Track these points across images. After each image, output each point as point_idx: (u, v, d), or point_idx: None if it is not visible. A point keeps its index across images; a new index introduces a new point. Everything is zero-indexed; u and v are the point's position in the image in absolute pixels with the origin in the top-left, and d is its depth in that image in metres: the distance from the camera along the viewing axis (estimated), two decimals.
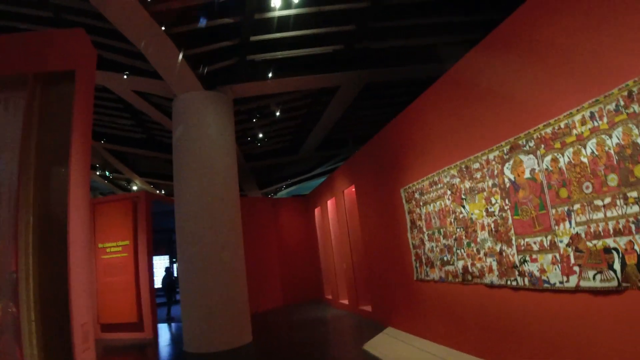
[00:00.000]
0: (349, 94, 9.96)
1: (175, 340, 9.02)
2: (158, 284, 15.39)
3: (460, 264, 5.22)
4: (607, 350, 3.33)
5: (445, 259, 5.57)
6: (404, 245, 6.84)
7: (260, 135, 12.25)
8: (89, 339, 3.51)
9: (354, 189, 9.61)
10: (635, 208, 3.09)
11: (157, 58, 6.88)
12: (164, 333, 9.97)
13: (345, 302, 10.74)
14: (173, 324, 11.73)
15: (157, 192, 18.64)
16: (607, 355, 3.32)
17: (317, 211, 13.20)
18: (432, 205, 5.88)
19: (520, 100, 4.18)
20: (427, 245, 6.03)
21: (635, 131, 3.07)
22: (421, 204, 6.18)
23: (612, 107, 3.24)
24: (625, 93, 3.13)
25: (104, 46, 7.40)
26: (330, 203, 11.71)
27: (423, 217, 6.14)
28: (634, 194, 3.10)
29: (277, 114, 10.60)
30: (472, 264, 4.97)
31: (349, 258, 10.19)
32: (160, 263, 16.09)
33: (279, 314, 11.39)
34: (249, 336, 7.59)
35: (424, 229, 6.12)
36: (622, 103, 3.16)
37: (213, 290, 7.22)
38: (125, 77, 8.13)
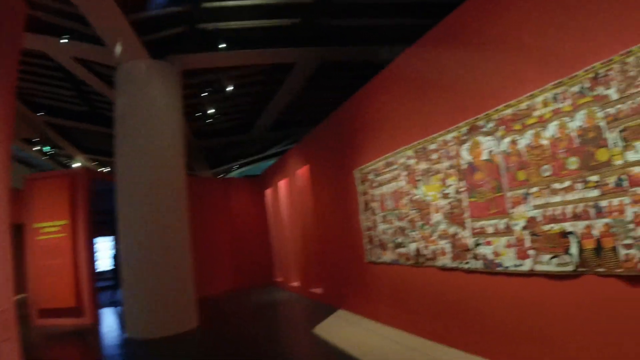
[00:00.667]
0: (305, 72, 9.55)
1: (118, 325, 8.46)
2: (103, 266, 14.58)
3: (414, 246, 5.07)
4: (562, 334, 3.26)
5: (398, 241, 5.41)
6: (357, 227, 6.64)
7: (212, 111, 11.59)
8: (10, 327, 3.04)
9: (307, 170, 9.30)
10: (595, 192, 2.99)
11: (100, 21, 6.17)
12: (108, 318, 9.35)
13: (297, 284, 10.53)
14: (119, 308, 11.07)
15: (103, 169, 17.49)
16: (563, 338, 3.26)
17: (269, 192, 12.81)
18: (386, 186, 5.68)
19: (481, 81, 4.00)
20: (381, 227, 5.86)
21: (599, 114, 2.95)
22: (375, 185, 5.97)
23: (576, 89, 3.10)
24: (592, 75, 2.99)
25: (42, 7, 6.54)
26: (282, 184, 11.35)
27: (377, 198, 5.95)
28: (595, 178, 2.99)
29: (229, 89, 10.02)
30: (426, 247, 4.83)
31: (301, 240, 9.94)
32: (106, 245, 15.15)
33: (229, 298, 11.01)
34: (194, 321, 7.20)
35: (378, 211, 5.93)
36: (587, 85, 3.02)
37: (155, 273, 6.75)
38: (64, 41, 7.27)
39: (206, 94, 10.13)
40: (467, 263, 4.17)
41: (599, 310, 2.99)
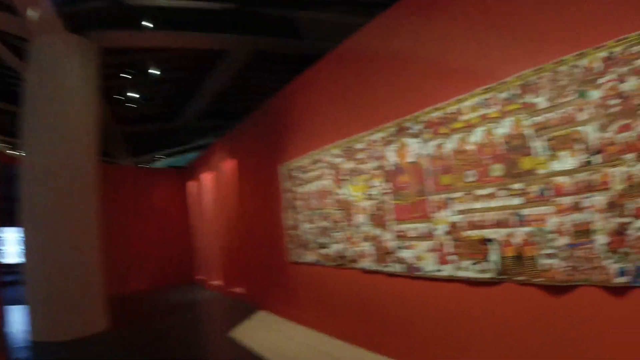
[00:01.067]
0: (237, 61, 8.95)
1: (23, 326, 7.32)
2: (12, 259, 12.87)
3: (337, 247, 4.78)
4: (481, 340, 3.13)
5: (321, 241, 5.10)
6: (280, 226, 6.25)
7: (135, 96, 10.56)
8: None
9: (232, 164, 8.73)
10: (517, 200, 2.86)
11: None
12: (14, 317, 8.09)
13: (218, 283, 9.90)
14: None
15: (13, 152, 15.42)
16: (482, 344, 3.13)
17: (193, 185, 12.01)
18: (311, 184, 5.34)
19: (411, 82, 3.79)
20: (304, 226, 5.51)
21: (526, 122, 2.82)
22: (301, 183, 5.62)
23: (505, 95, 2.95)
24: (521, 82, 2.85)
25: None
26: (207, 177, 10.64)
27: (302, 196, 5.59)
28: (518, 186, 2.86)
29: (155, 73, 9.14)
30: (348, 248, 4.56)
31: (224, 237, 9.34)
32: (15, 235, 13.40)
33: (146, 297, 10.09)
34: (103, 323, 6.39)
35: (302, 210, 5.58)
36: (516, 92, 2.88)
37: (60, 269, 5.86)
38: None
39: (129, 76, 9.16)
40: (389, 266, 3.95)
41: (518, 318, 2.88)
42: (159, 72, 9.11)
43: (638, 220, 2.33)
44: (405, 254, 3.73)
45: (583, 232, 2.52)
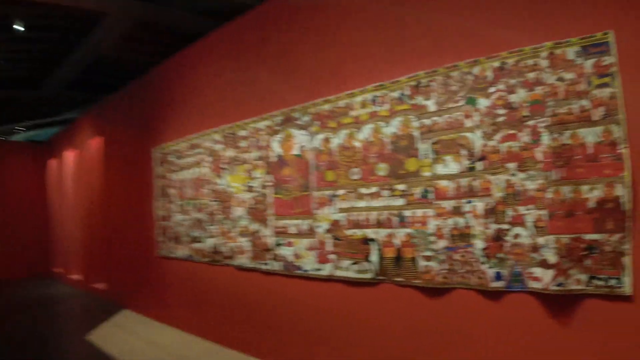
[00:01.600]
0: (116, 28, 7.62)
1: None
2: None
3: (211, 241, 4.21)
4: (360, 340, 2.90)
5: (195, 235, 4.47)
6: (151, 216, 5.41)
7: None
8: None
9: (99, 142, 7.44)
10: (400, 201, 2.66)
11: None
12: None
13: (79, 277, 8.43)
14: None
15: None
16: (360, 345, 2.89)
17: (53, 163, 10.15)
18: (188, 171, 4.66)
19: (302, 71, 3.39)
20: (177, 217, 4.81)
21: (415, 124, 2.62)
22: (176, 169, 4.88)
23: (396, 94, 2.72)
24: (414, 83, 2.64)
25: None
26: (70, 155, 9.01)
27: (176, 184, 4.87)
28: (402, 187, 2.66)
29: (19, 28, 7.28)
30: (224, 243, 4.03)
31: (86, 225, 7.97)
32: None
33: None
34: None
35: (175, 199, 4.86)
36: (407, 93, 2.67)
37: None
38: None
39: None
40: (266, 264, 3.54)
41: (397, 319, 2.71)
42: (23, 29, 7.31)
43: (515, 228, 2.27)
44: (285, 251, 3.36)
45: (462, 236, 2.42)
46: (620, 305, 1.96)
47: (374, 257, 2.77)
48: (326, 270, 3.06)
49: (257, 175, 3.67)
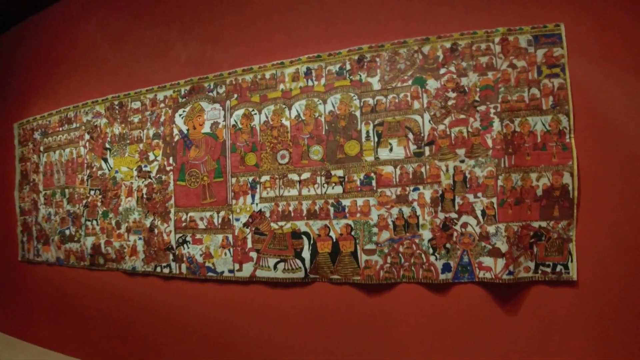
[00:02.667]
0: None
1: None
2: None
3: (90, 241, 3.16)
4: (291, 347, 2.30)
5: (68, 232, 3.35)
6: (10, 209, 4.02)
7: None
8: None
9: None
10: (338, 189, 2.15)
11: None
12: None
13: None
14: None
15: None
16: (293, 351, 2.30)
17: None
18: (59, 152, 3.49)
19: (219, 33, 2.63)
20: (43, 211, 3.59)
21: (356, 102, 2.14)
22: (42, 149, 3.64)
23: (335, 68, 2.20)
24: (356, 57, 2.15)
25: None
26: None
27: (42, 169, 3.64)
28: (340, 172, 2.15)
29: None
30: (108, 242, 3.03)
31: None
32: None
33: None
34: None
35: (41, 187, 3.63)
36: (348, 67, 2.17)
37: None
38: None
39: None
40: (166, 266, 2.71)
41: (333, 322, 2.20)
42: None
43: (464, 216, 1.95)
44: (191, 250, 2.59)
45: (407, 227, 2.04)
46: (566, 290, 1.84)
47: (306, 253, 2.22)
48: (245, 271, 2.41)
49: (154, 158, 2.80)
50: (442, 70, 2.03)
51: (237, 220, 2.42)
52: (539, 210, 1.89)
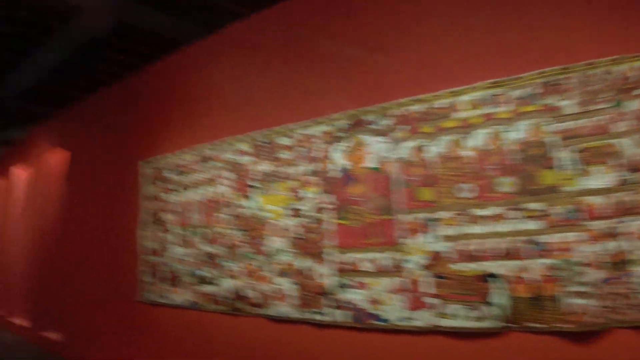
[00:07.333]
0: (91, 27, 7.00)
1: None
2: None
3: (230, 283, 3.61)
4: None
5: (203, 274, 3.86)
6: (131, 248, 4.71)
7: None
8: None
9: (62, 156, 6.69)
10: (533, 224, 2.31)
11: None
12: None
13: (23, 323, 7.32)
14: None
15: None
16: None
17: None
18: (195, 191, 4.09)
19: (378, 63, 3.05)
20: (174, 250, 4.17)
21: (548, 128, 2.36)
22: (175, 188, 4.30)
23: (518, 93, 2.45)
24: (541, 80, 2.40)
25: None
26: (20, 174, 8.11)
27: (175, 208, 4.26)
28: (534, 205, 2.31)
29: None
30: (252, 286, 3.45)
31: (39, 256, 7.01)
32: None
33: None
34: None
35: (173, 227, 4.24)
36: (534, 92, 2.43)
37: None
38: None
39: None
40: (322, 313, 3.00)
41: None
42: None
43: None
44: (353, 295, 2.85)
45: (619, 263, 2.12)
46: None
47: (498, 298, 2.34)
48: (422, 319, 2.59)
49: (307, 195, 3.20)
50: (637, 91, 2.18)
51: (409, 261, 2.65)
52: None
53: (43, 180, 7.19)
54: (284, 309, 3.23)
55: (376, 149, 2.90)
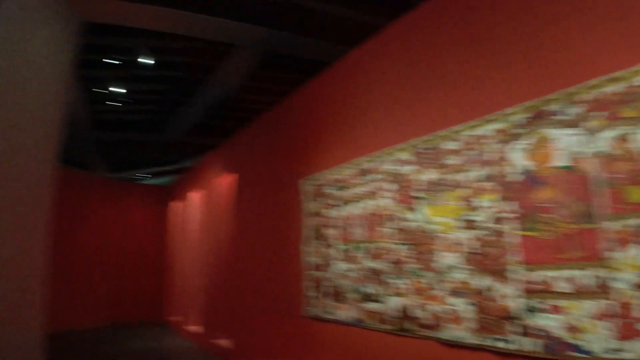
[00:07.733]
0: (245, 60, 7.77)
1: None
2: None
3: (396, 301, 3.43)
4: None
5: (368, 291, 3.75)
6: (296, 263, 4.90)
7: (121, 91, 9.24)
8: None
9: (230, 179, 7.43)
10: None
11: None
12: None
13: (196, 330, 8.33)
14: None
15: None
16: None
17: (175, 205, 10.63)
18: (355, 205, 4.05)
19: (559, 37, 2.60)
20: (338, 266, 4.17)
21: None
22: (336, 203, 4.32)
23: None
24: None
25: None
26: (195, 197, 9.30)
27: (337, 223, 4.28)
28: None
29: (147, 62, 7.85)
30: (421, 305, 3.21)
31: (211, 272, 7.89)
32: None
33: (99, 337, 8.53)
34: None
35: (336, 242, 4.25)
36: None
37: None
38: None
39: (114, 61, 7.96)
40: (506, 340, 2.61)
41: None
42: (152, 62, 7.84)
43: None
44: (546, 320, 2.41)
45: None
46: None
47: None
48: (635, 350, 2.05)
49: (482, 204, 2.86)
50: None
51: (619, 279, 2.14)
52: None
53: (215, 202, 8.07)
54: (458, 332, 2.90)
55: (566, 144, 2.44)
